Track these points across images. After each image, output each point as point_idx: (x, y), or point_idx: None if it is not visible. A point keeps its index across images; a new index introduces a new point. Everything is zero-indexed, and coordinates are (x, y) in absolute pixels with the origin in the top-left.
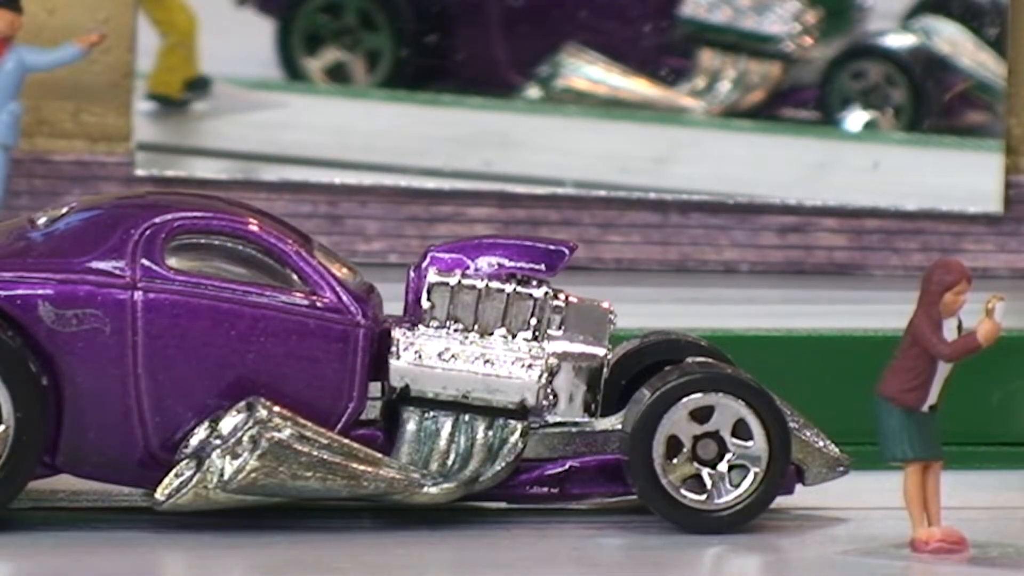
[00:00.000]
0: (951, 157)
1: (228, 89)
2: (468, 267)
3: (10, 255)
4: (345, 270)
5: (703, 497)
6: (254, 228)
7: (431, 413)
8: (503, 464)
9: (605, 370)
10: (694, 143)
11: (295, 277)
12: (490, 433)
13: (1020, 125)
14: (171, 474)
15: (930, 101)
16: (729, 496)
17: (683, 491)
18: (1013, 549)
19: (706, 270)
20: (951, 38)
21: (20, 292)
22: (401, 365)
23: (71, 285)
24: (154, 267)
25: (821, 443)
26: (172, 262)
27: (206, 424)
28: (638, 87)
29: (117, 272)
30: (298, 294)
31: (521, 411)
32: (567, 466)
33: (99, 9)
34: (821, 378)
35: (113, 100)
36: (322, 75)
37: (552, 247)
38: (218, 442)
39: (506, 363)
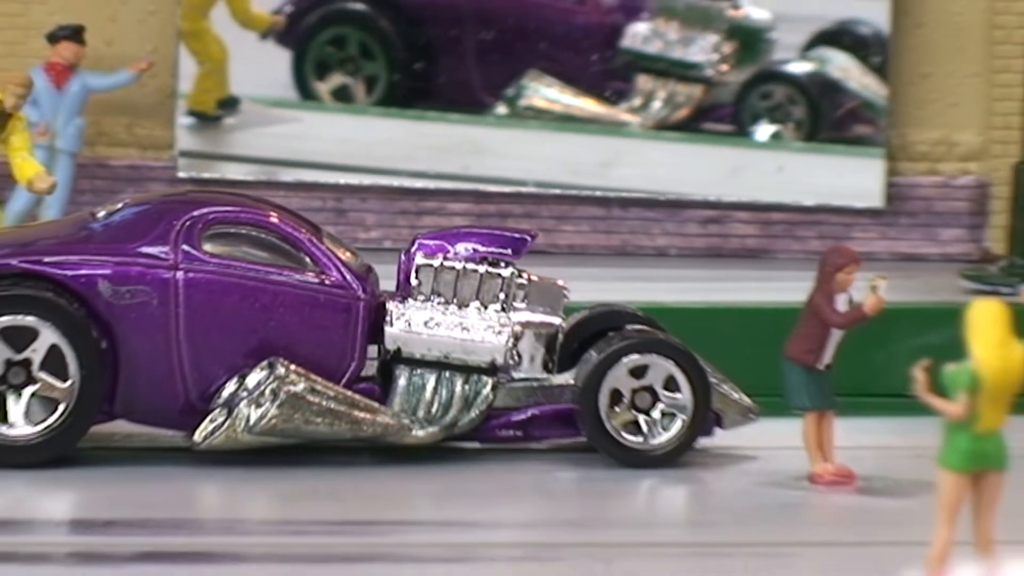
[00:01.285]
0: (842, 162)
1: (253, 107)
2: (449, 251)
3: (75, 242)
4: (348, 254)
5: (640, 439)
6: (274, 220)
7: (418, 370)
8: (477, 412)
9: (560, 336)
10: (632, 151)
11: (307, 260)
12: (466, 387)
13: (898, 136)
14: (206, 420)
15: (825, 116)
16: (661, 438)
17: (624, 434)
18: (892, 481)
19: (642, 254)
20: (842, 65)
21: (83, 272)
22: (394, 331)
23: (125, 266)
24: (193, 252)
25: (736, 395)
26: (207, 247)
27: (235, 379)
28: (587, 105)
29: (162, 256)
30: (310, 273)
31: (492, 369)
32: (529, 414)
33: (148, 41)
34: (736, 342)
35: (159, 116)
36: (329, 96)
37: (517, 235)
38: (245, 394)
39: (479, 330)
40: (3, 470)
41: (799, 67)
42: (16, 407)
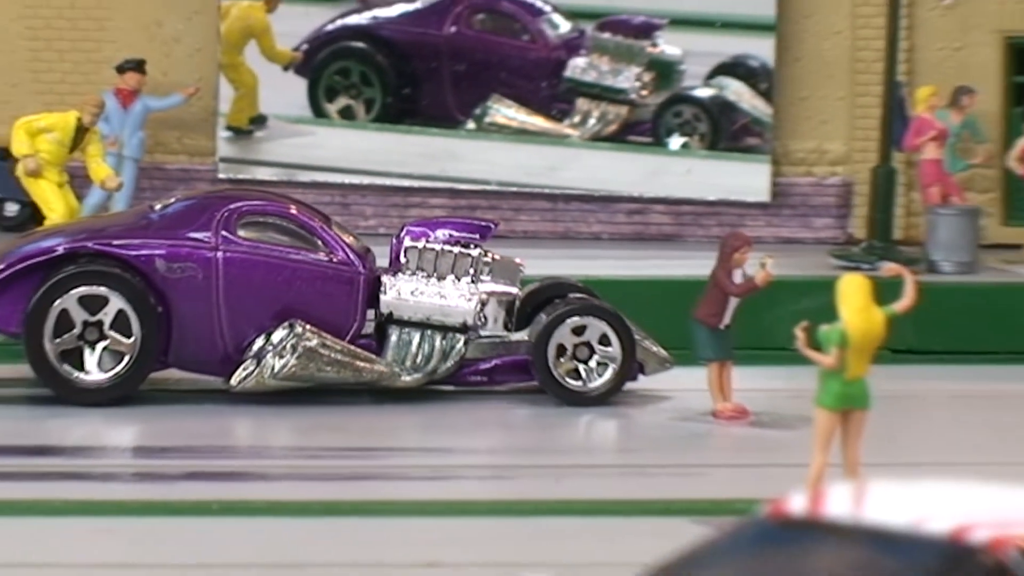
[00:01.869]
0: (737, 166)
1: (277, 123)
2: (430, 236)
3: (137, 228)
4: (351, 238)
5: (580, 383)
6: (293, 211)
7: (406, 330)
8: (452, 362)
9: (517, 302)
10: (573, 157)
11: (319, 243)
12: (444, 342)
13: (781, 146)
14: (240, 368)
15: (723, 130)
16: (597, 383)
17: (567, 379)
18: (779, 416)
19: (581, 238)
20: (737, 90)
21: (144, 252)
22: (387, 299)
23: (176, 248)
24: (229, 236)
25: (655, 348)
26: (241, 233)
27: (263, 336)
28: (537, 122)
29: (206, 240)
30: (321, 254)
31: (464, 328)
32: (493, 363)
33: (195, 72)
34: (655, 307)
35: (204, 130)
36: (336, 114)
37: (482, 223)
38: (270, 348)
39: (454, 297)
40: (80, 408)
41: (703, 92)
42: (91, 358)
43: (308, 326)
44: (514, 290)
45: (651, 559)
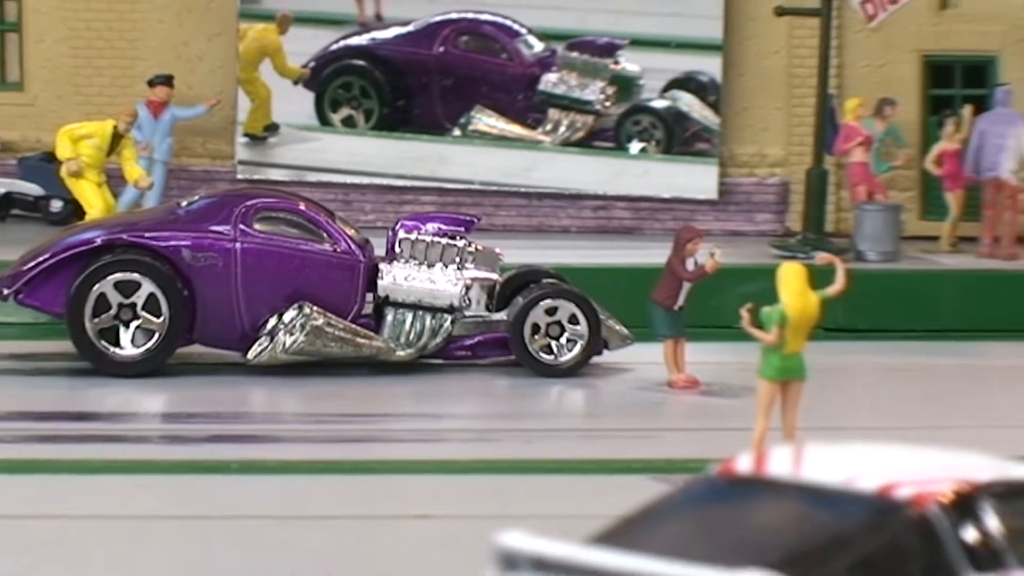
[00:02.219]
0: (689, 168)
1: (288, 130)
2: (421, 229)
3: (165, 222)
4: (352, 231)
5: (552, 357)
6: (302, 207)
7: (400, 311)
8: (441, 339)
9: (497, 287)
10: (546, 160)
11: (324, 235)
12: (433, 322)
13: (727, 150)
14: (255, 344)
15: (677, 137)
16: (567, 357)
17: (541, 354)
18: (726, 386)
19: (552, 231)
20: (689, 102)
21: (171, 243)
22: (384, 283)
23: (200, 239)
24: (247, 229)
25: (618, 327)
26: (257, 226)
27: (275, 316)
28: (515, 129)
29: (226, 232)
30: (326, 244)
31: (451, 309)
32: (476, 340)
33: (216, 86)
34: (618, 290)
35: (224, 136)
36: (339, 123)
37: (467, 218)
38: (282, 326)
39: (442, 282)
40: (116, 379)
41: (659, 103)
42: (126, 336)
43: (315, 307)
44: (494, 276)
45: (615, 512)
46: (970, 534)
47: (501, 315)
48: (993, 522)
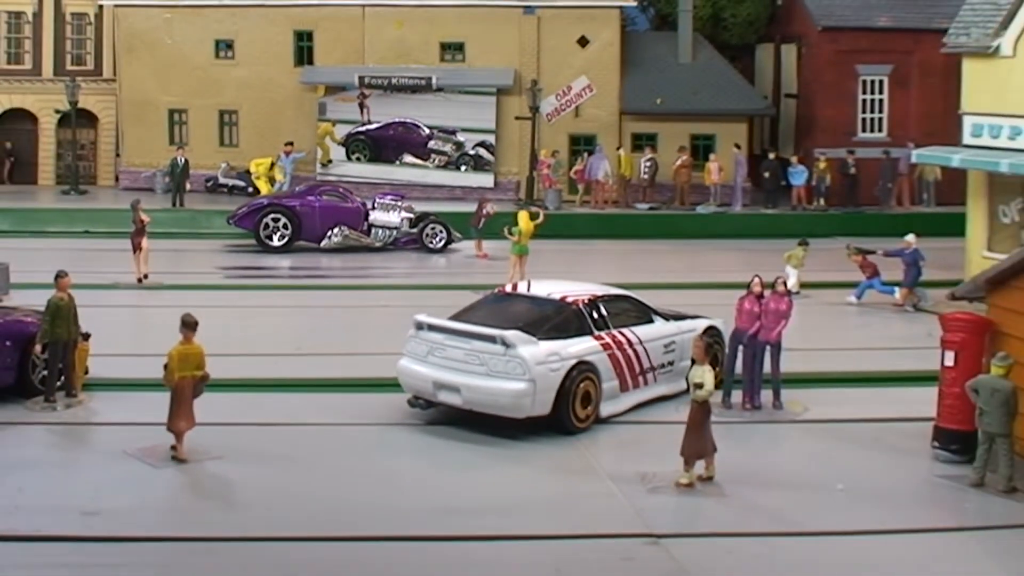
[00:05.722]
0: (483, 175)
1: (336, 162)
2: (385, 197)
3: (289, 195)
4: (360, 198)
5: (433, 244)
6: (341, 190)
7: (377, 228)
8: (393, 238)
9: (413, 218)
10: (432, 174)
11: (349, 199)
12: (390, 232)
13: (497, 168)
14: (324, 239)
15: (481, 163)
16: (438, 244)
17: (427, 243)
18: (498, 258)
19: (435, 198)
20: (482, 151)
21: (292, 203)
22: (372, 218)
23: (303, 202)
24: (319, 197)
25: (457, 233)
26: (323, 197)
27: (332, 230)
28: (419, 161)
29: (312, 199)
30: (349, 203)
31: (398, 228)
32: (406, 239)
33: (309, 143)
34: (458, 220)
35: (311, 164)
36: (354, 159)
37: (401, 193)
38: (334, 234)
39: (393, 217)
40: (270, 254)
41: (472, 151)
42: (275, 236)
43: (346, 227)
44: (412, 215)
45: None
46: (594, 314)
47: (414, 230)
48: (603, 310)
